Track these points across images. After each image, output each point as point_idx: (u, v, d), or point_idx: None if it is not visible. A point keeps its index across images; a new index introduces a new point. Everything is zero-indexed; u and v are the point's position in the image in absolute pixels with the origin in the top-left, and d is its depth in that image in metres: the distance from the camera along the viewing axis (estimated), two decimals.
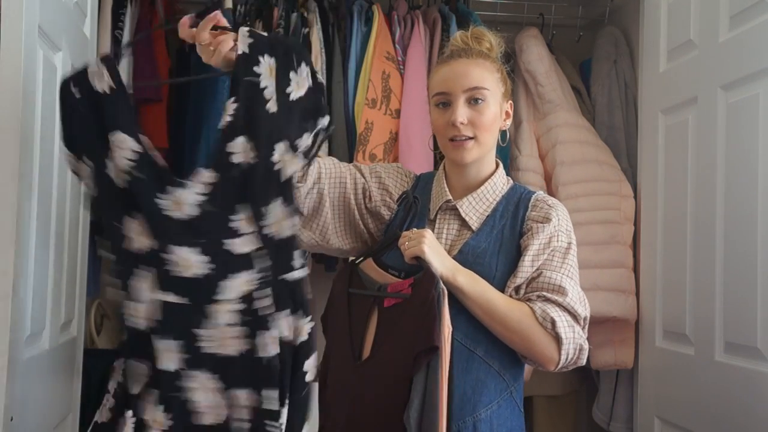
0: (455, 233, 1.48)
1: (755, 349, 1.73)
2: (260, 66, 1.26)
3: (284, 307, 1.26)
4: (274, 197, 1.26)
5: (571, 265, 1.43)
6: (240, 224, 1.26)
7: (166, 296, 1.26)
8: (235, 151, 1.26)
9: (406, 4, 2.50)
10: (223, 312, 1.25)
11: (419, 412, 1.24)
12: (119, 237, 1.28)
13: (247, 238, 1.27)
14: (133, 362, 1.27)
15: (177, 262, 1.26)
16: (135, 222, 1.27)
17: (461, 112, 1.42)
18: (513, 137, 2.52)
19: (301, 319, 1.27)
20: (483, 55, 1.47)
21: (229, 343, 1.26)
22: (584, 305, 1.41)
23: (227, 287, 1.26)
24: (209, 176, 1.26)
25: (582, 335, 1.39)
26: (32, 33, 1.44)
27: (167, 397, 1.24)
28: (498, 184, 1.50)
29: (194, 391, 1.25)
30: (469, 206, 1.48)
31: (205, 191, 1.26)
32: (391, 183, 1.56)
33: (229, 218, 1.26)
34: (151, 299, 1.26)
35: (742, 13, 1.82)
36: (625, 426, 2.42)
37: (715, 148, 1.90)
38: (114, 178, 1.27)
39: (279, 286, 1.27)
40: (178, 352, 1.25)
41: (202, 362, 1.25)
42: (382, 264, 1.45)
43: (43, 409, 1.60)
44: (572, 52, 2.74)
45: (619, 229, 2.35)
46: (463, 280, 1.36)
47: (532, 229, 1.43)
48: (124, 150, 1.25)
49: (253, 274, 1.26)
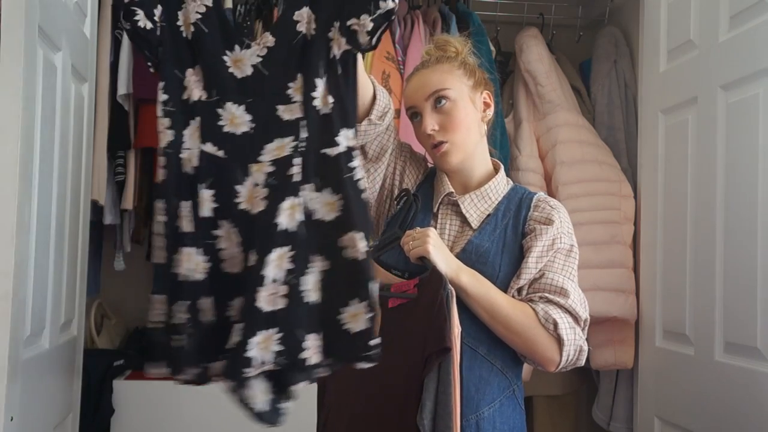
0: (457, 230, 1.48)
1: (755, 349, 1.73)
2: None
3: (310, 180, 1.28)
4: (323, 72, 1.30)
5: (572, 267, 1.43)
6: (292, 91, 1.31)
7: (205, 147, 1.30)
8: (300, 20, 1.31)
9: (406, 4, 2.50)
10: (257, 172, 1.29)
11: (433, 413, 1.23)
12: (180, 88, 1.33)
13: (294, 106, 1.31)
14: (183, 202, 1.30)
15: (225, 116, 1.31)
16: (194, 74, 1.32)
17: (429, 121, 1.45)
18: (513, 137, 2.52)
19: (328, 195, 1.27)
20: (442, 60, 1.49)
21: (254, 203, 1.29)
22: (585, 307, 1.41)
23: (266, 149, 1.30)
24: (271, 40, 1.32)
25: (582, 337, 1.39)
26: (32, 33, 1.44)
27: (202, 242, 1.28)
28: (500, 185, 1.51)
29: (221, 239, 1.29)
30: (470, 203, 1.48)
31: (263, 54, 1.32)
32: (408, 172, 1.57)
33: (286, 84, 1.31)
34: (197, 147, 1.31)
35: (742, 13, 1.82)
36: (625, 426, 2.42)
37: (715, 148, 1.90)
38: (182, 28, 1.33)
39: (313, 159, 1.29)
40: (212, 201, 1.29)
41: (230, 214, 1.29)
42: (382, 263, 1.45)
43: (43, 409, 1.60)
44: (572, 52, 2.74)
45: (619, 229, 2.35)
46: (466, 280, 1.36)
47: (535, 231, 1.43)
48: (196, 2, 1.32)
49: (289, 141, 1.30)
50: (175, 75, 1.33)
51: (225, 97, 1.32)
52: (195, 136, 1.31)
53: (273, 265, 1.23)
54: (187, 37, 1.33)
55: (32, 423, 1.51)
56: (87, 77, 1.94)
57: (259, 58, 1.32)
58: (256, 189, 1.29)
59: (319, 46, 1.31)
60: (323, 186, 1.28)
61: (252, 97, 1.32)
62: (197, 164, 1.30)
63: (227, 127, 1.31)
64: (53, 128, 1.63)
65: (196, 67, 1.33)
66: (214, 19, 1.33)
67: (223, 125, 1.31)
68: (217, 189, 1.29)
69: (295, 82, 1.32)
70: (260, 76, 1.32)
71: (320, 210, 1.27)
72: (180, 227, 1.28)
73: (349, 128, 1.31)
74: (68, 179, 1.75)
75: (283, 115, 1.31)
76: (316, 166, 1.29)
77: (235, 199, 1.29)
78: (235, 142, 1.31)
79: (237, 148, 1.31)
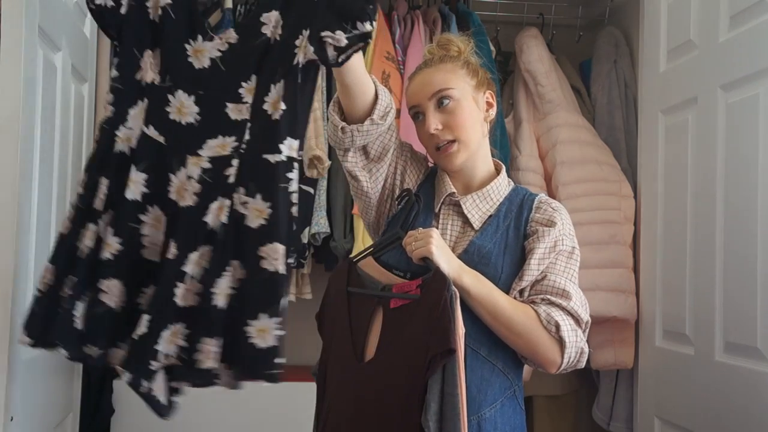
0: (459, 230, 1.48)
1: (755, 349, 1.73)
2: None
3: (243, 184, 1.26)
4: (281, 78, 1.28)
5: (574, 269, 1.43)
6: (244, 91, 1.30)
7: (147, 129, 1.29)
8: (267, 23, 1.30)
9: (406, 4, 2.50)
10: (193, 165, 1.28)
11: (438, 415, 1.22)
12: (135, 67, 1.31)
13: (243, 107, 1.30)
14: (103, 178, 1.28)
15: (174, 103, 1.30)
16: (153, 56, 1.31)
17: (432, 120, 1.44)
18: (513, 137, 2.52)
19: (259, 201, 1.25)
20: (445, 59, 1.48)
21: (183, 195, 1.27)
22: (586, 309, 1.41)
23: (207, 144, 1.29)
24: (234, 37, 1.31)
25: (583, 339, 1.39)
26: (32, 33, 1.44)
27: (122, 224, 1.26)
28: (502, 186, 1.51)
29: (145, 225, 1.27)
30: (472, 204, 1.48)
31: (224, 49, 1.31)
32: (408, 172, 1.55)
33: (240, 83, 1.30)
34: (139, 128, 1.30)
35: (742, 13, 1.82)
36: (625, 426, 2.42)
37: (714, 148, 1.90)
38: (150, 9, 1.32)
39: (251, 162, 1.27)
40: (144, 185, 1.27)
41: (159, 200, 1.27)
42: (384, 263, 1.44)
43: (43, 409, 1.60)
44: (572, 52, 2.74)
45: (619, 229, 2.35)
46: (468, 281, 1.36)
47: (538, 232, 1.42)
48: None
49: (231, 141, 1.28)
50: (133, 53, 1.31)
51: (177, 84, 1.31)
52: (140, 117, 1.30)
53: (194, 263, 1.22)
54: (153, 19, 1.32)
55: (32, 423, 1.51)
56: (87, 77, 1.95)
57: (219, 53, 1.31)
58: (189, 182, 1.27)
59: (282, 51, 1.29)
60: (256, 191, 1.25)
61: (204, 90, 1.31)
62: (135, 145, 1.28)
63: (173, 115, 1.30)
64: (53, 128, 1.63)
65: (156, 50, 1.32)
66: (184, 7, 1.32)
67: (170, 112, 1.30)
68: (150, 174, 1.28)
69: (248, 83, 1.30)
70: (217, 70, 1.31)
71: (249, 215, 1.25)
72: (92, 203, 1.26)
73: (294, 138, 1.28)
74: (68, 179, 1.75)
75: (230, 113, 1.30)
76: (253, 171, 1.27)
77: (168, 187, 1.28)
78: (178, 131, 1.29)
79: (179, 138, 1.29)
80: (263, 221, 1.24)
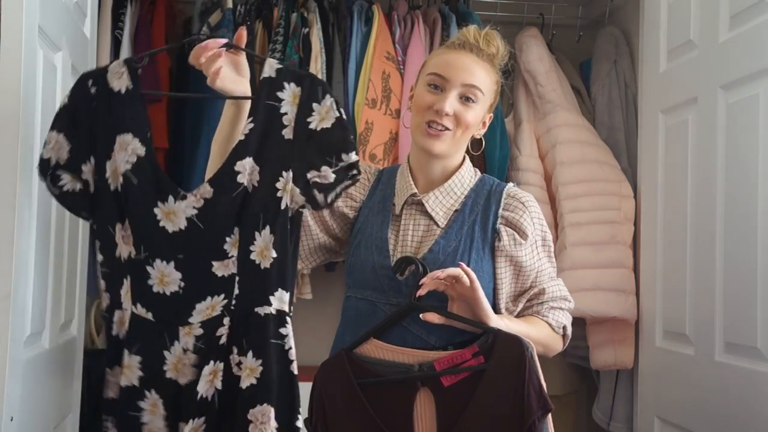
0: (423, 230, 1.46)
1: (755, 349, 1.73)
2: (284, 92, 1.24)
3: (236, 343, 1.20)
4: (266, 224, 1.22)
5: (553, 260, 1.52)
6: (228, 246, 1.23)
7: (135, 308, 1.22)
8: (241, 171, 1.23)
9: (406, 4, 2.50)
10: (186, 336, 1.21)
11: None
12: (113, 244, 1.25)
13: (229, 261, 1.23)
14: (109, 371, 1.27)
15: (154, 275, 1.22)
16: (123, 229, 1.24)
17: (451, 102, 1.41)
18: (513, 137, 2.52)
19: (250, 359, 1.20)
20: (490, 59, 1.47)
21: (182, 371, 1.21)
22: (568, 294, 1.52)
23: (196, 309, 1.21)
24: (209, 191, 1.23)
25: (570, 317, 1.53)
26: (32, 33, 1.44)
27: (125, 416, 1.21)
28: (465, 178, 1.49)
29: (145, 412, 1.22)
30: (435, 201, 1.46)
31: (200, 206, 1.23)
32: (350, 191, 1.48)
33: (224, 238, 1.22)
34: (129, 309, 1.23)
35: (742, 13, 1.82)
36: (625, 426, 2.42)
37: (715, 148, 1.90)
38: (110, 180, 1.25)
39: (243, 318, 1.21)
40: (139, 369, 1.22)
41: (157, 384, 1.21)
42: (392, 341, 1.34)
43: (43, 409, 1.60)
44: (572, 52, 2.74)
45: (620, 229, 2.35)
46: (503, 325, 1.36)
47: (513, 239, 1.43)
48: (127, 152, 1.23)
49: (219, 300, 1.22)
50: (108, 231, 1.24)
51: (153, 254, 1.22)
52: (128, 296, 1.22)
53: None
54: (116, 189, 1.23)
55: (32, 423, 1.51)
56: None
57: (195, 210, 1.22)
58: (186, 355, 1.20)
59: (263, 197, 1.22)
60: (248, 348, 1.19)
61: (183, 253, 1.22)
62: (128, 328, 1.22)
63: (156, 287, 1.22)
64: None
65: (125, 222, 1.23)
66: (147, 169, 1.23)
67: (152, 285, 1.22)
68: (144, 355, 1.21)
69: (232, 236, 1.22)
70: (195, 229, 1.22)
71: (242, 375, 1.19)
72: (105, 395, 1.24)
73: (285, 290, 1.22)
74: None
75: (217, 271, 1.22)
76: (244, 326, 1.20)
77: (164, 367, 1.20)
78: (164, 304, 1.21)
79: (166, 310, 1.21)
80: (254, 380, 1.19)
